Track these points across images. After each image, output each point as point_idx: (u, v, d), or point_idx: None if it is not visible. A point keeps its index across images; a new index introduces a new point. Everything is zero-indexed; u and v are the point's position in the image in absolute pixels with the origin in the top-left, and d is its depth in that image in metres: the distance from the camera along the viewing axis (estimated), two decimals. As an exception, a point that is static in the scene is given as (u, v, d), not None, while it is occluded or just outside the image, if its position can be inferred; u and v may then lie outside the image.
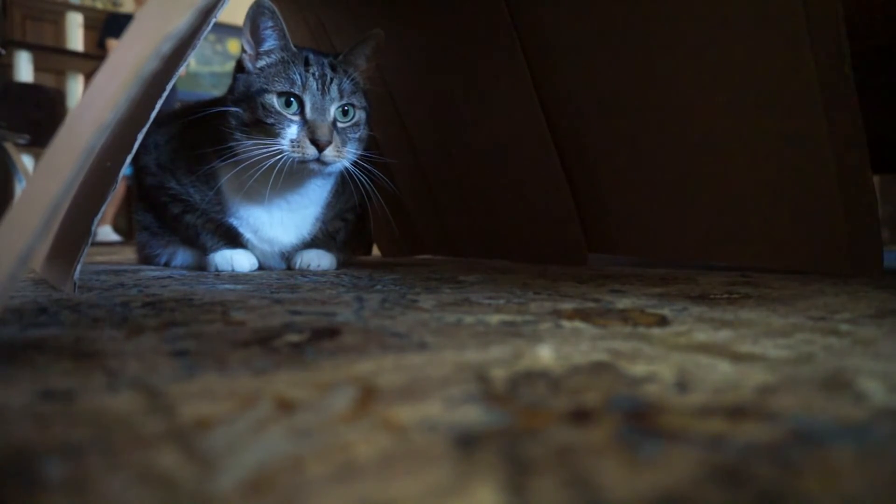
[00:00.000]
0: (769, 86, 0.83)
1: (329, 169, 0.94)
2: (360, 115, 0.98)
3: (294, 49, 0.95)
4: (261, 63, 0.95)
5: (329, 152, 0.91)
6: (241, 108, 0.93)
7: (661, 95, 0.95)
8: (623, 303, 0.55)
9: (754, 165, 0.87)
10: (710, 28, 0.86)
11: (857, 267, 0.80)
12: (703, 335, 0.39)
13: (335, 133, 0.92)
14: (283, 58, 0.95)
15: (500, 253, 1.33)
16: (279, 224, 1.00)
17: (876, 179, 0.82)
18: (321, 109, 0.92)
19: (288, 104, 0.91)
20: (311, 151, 0.90)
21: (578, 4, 1.00)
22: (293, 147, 0.90)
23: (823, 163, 0.79)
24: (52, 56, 3.24)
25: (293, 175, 0.94)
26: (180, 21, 0.37)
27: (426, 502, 0.17)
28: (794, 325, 0.43)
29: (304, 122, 0.91)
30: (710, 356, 0.33)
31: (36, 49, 3.14)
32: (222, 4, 0.57)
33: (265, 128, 0.91)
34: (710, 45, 0.87)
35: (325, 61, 0.96)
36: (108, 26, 3.47)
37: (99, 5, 4.59)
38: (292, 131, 0.91)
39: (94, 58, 3.24)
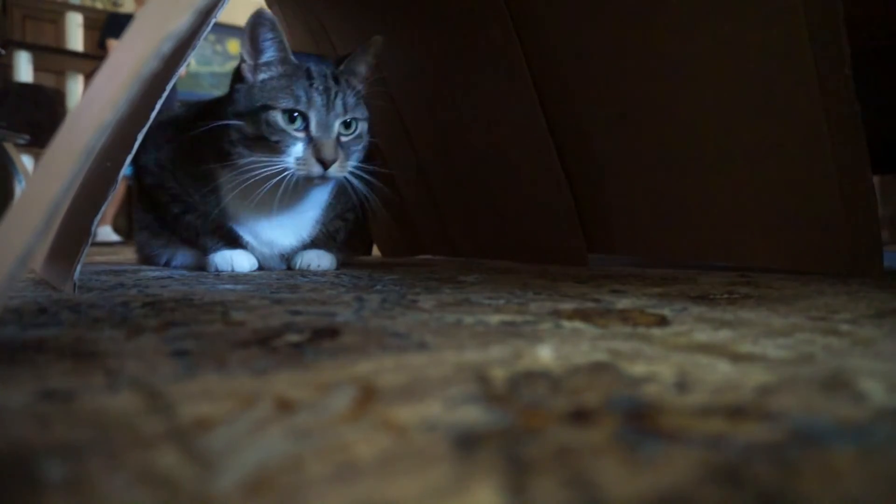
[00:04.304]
0: (769, 86, 0.83)
1: (331, 180, 0.95)
2: (362, 126, 0.97)
3: (295, 61, 0.94)
4: (262, 76, 0.93)
5: (333, 169, 0.91)
6: (243, 121, 0.91)
7: (661, 95, 0.95)
8: (623, 303, 0.55)
9: (754, 165, 0.87)
10: (710, 28, 0.86)
11: (857, 267, 0.80)
12: (703, 335, 0.39)
13: (339, 148, 0.92)
14: (284, 71, 0.93)
15: (500, 253, 1.33)
16: (279, 227, 1.00)
17: (876, 179, 0.82)
18: (326, 126, 0.92)
19: (292, 120, 0.90)
20: (317, 169, 0.90)
21: (579, 5, 1.00)
22: (298, 165, 0.90)
23: (823, 163, 0.79)
24: (52, 56, 3.25)
25: (295, 185, 0.93)
26: (180, 21, 0.37)
27: (426, 502, 0.17)
28: (794, 325, 0.43)
29: (310, 139, 0.91)
30: (709, 356, 0.33)
31: (36, 49, 3.14)
32: (222, 5, 0.57)
33: (269, 144, 0.90)
34: (709, 44, 0.86)
35: (328, 72, 0.95)
36: (108, 26, 3.47)
37: (99, 5, 4.59)
38: (298, 149, 0.90)
39: (94, 58, 3.24)
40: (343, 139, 0.94)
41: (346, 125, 0.95)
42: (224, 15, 0.65)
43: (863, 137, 0.76)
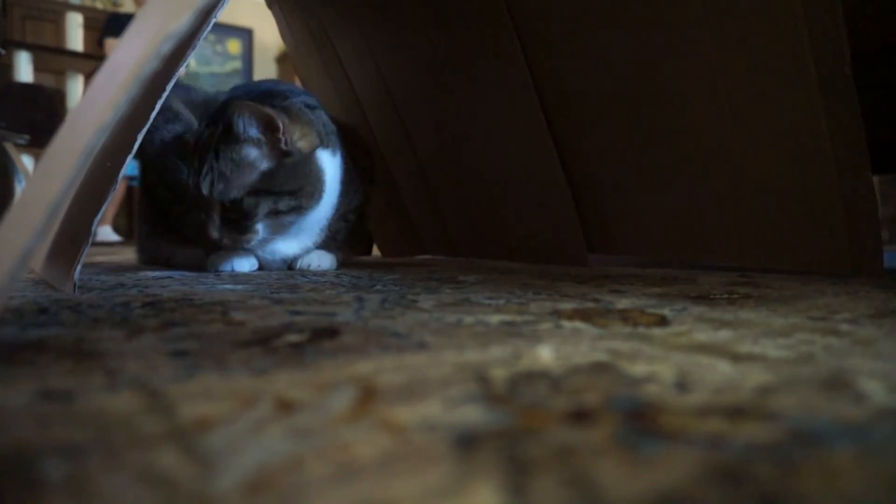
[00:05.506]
0: (769, 86, 0.83)
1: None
2: (251, 203, 0.87)
3: (185, 122, 0.89)
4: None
5: (227, 244, 0.88)
6: None
7: (662, 95, 0.95)
8: (623, 303, 0.55)
9: (754, 165, 0.87)
10: (710, 28, 0.86)
11: (857, 267, 0.80)
12: (703, 335, 0.39)
13: (227, 228, 0.88)
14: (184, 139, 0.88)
15: (500, 253, 1.33)
16: (282, 241, 0.98)
17: (876, 179, 0.82)
18: (205, 209, 0.87)
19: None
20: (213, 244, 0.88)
21: (579, 6, 1.00)
22: None
23: (823, 163, 0.79)
24: (52, 56, 3.25)
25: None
26: (180, 21, 0.37)
27: (426, 502, 0.17)
28: (794, 325, 0.43)
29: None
30: (709, 356, 0.33)
31: (36, 49, 3.14)
32: (222, 5, 0.57)
33: None
34: (710, 44, 0.87)
35: (212, 146, 0.86)
36: (108, 26, 3.47)
37: (99, 5, 4.60)
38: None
39: (94, 58, 3.25)
40: (232, 216, 0.87)
41: (233, 203, 0.87)
42: (224, 15, 0.65)
43: (863, 137, 0.77)
